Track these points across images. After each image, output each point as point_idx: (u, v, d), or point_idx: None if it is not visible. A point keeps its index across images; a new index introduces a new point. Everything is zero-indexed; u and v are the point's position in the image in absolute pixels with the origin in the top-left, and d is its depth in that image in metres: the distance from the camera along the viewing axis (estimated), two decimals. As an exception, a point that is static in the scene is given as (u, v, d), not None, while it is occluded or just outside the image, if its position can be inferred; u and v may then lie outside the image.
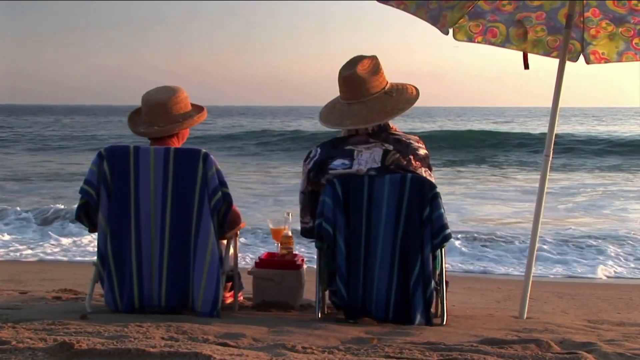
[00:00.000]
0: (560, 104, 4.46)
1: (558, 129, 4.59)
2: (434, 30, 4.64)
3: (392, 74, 4.06)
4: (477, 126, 41.97)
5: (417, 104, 4.02)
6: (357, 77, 3.92)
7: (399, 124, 4.10)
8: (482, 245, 8.43)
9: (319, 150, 3.97)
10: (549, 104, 4.50)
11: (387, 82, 4.02)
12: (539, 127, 41.85)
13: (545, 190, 4.43)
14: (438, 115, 79.22)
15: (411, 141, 3.94)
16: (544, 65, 4.87)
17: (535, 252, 4.40)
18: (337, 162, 3.87)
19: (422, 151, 3.94)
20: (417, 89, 4.04)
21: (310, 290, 4.34)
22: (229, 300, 4.26)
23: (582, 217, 10.81)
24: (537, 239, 4.40)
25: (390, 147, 3.87)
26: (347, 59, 4.04)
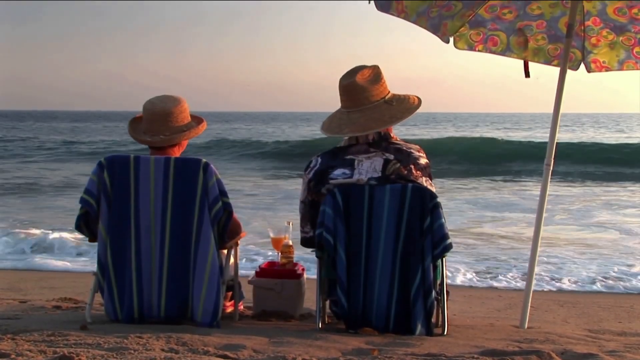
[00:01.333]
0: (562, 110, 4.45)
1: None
2: (435, 37, 4.65)
3: (393, 79, 4.06)
4: (481, 133, 41.92)
5: (419, 109, 4.02)
6: (356, 85, 3.92)
7: (403, 131, 4.10)
8: (484, 254, 8.41)
9: (319, 159, 3.96)
10: (550, 110, 4.49)
11: (389, 92, 4.01)
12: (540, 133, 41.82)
13: (547, 199, 4.42)
14: (441, 122, 79.19)
15: (412, 150, 3.93)
16: (545, 71, 4.88)
17: (536, 262, 4.39)
18: (338, 171, 3.86)
19: (423, 160, 3.93)
20: (419, 99, 4.04)
21: (310, 299, 4.33)
22: (229, 310, 4.25)
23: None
24: (538, 248, 4.38)
25: (391, 157, 3.87)
26: (348, 65, 4.04)
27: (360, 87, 3.92)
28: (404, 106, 3.99)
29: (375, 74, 3.99)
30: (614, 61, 4.78)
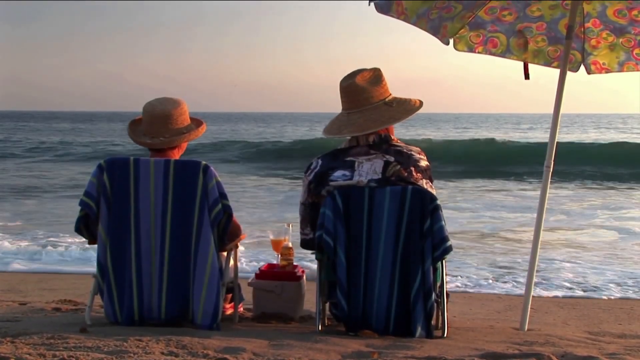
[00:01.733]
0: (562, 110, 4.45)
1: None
2: (435, 37, 4.65)
3: (393, 80, 4.06)
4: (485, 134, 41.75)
5: (424, 110, 4.01)
6: (356, 86, 3.93)
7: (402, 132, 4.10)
8: (483, 256, 8.39)
9: (319, 161, 3.97)
10: (549, 110, 4.49)
11: (390, 94, 4.01)
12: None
13: (547, 201, 4.41)
14: (441, 122, 79.11)
15: (412, 152, 3.93)
16: (544, 72, 4.87)
17: (536, 264, 4.38)
18: (338, 173, 3.86)
19: (424, 163, 3.93)
20: (421, 102, 4.04)
21: (310, 301, 4.33)
22: (229, 311, 4.25)
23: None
24: (538, 250, 4.38)
25: (391, 159, 3.87)
26: (349, 65, 4.05)
27: (360, 88, 3.93)
28: (404, 107, 3.99)
29: (375, 75, 4.00)
30: (614, 63, 4.78)
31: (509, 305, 5.84)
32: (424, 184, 3.87)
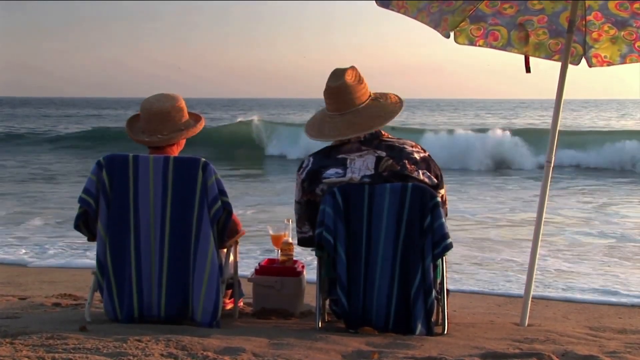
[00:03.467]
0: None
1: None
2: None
3: (393, 67, 4.05)
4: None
5: (421, 96, 4.00)
6: (348, 86, 3.92)
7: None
8: (483, 253, 8.31)
9: (311, 159, 3.95)
10: (548, 96, 4.46)
11: (371, 92, 4.04)
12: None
13: (547, 195, 4.40)
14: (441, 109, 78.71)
15: (405, 146, 3.92)
16: (545, 61, 4.82)
17: (536, 260, 4.36)
18: (331, 171, 3.85)
19: (418, 155, 3.89)
20: (399, 97, 4.06)
21: (310, 295, 4.32)
22: (229, 307, 4.24)
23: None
24: (539, 246, 4.36)
25: (383, 154, 3.86)
26: (350, 52, 4.04)
27: (352, 87, 3.93)
28: (390, 101, 4.02)
29: (358, 74, 4.00)
30: (616, 55, 4.74)
31: (509, 299, 5.81)
32: (420, 174, 3.84)
